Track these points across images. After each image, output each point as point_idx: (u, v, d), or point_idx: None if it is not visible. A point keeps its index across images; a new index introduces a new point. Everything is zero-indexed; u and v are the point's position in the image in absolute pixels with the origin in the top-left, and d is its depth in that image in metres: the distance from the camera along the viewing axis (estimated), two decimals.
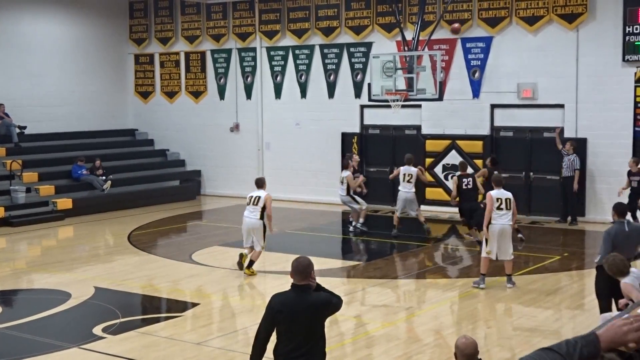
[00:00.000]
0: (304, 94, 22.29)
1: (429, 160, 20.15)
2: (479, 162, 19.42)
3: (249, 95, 23.32)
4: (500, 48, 19.26)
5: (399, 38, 19.33)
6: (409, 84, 17.73)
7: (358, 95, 21.27)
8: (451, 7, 19.45)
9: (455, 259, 15.56)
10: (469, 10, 19.55)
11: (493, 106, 19.53)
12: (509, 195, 12.39)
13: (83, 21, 24.17)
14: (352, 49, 21.40)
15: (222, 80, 23.76)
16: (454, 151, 19.78)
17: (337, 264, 15.01)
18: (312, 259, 6.19)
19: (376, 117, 21.14)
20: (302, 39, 22.13)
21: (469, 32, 19.63)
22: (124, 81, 25.48)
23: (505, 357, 9.39)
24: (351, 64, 21.43)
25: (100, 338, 10.06)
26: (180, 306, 11.88)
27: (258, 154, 23.19)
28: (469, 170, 16.39)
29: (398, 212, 17.04)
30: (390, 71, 17.79)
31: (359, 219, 17.42)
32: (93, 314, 11.39)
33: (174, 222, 19.72)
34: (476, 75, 19.53)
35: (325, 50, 21.83)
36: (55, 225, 19.27)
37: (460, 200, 15.80)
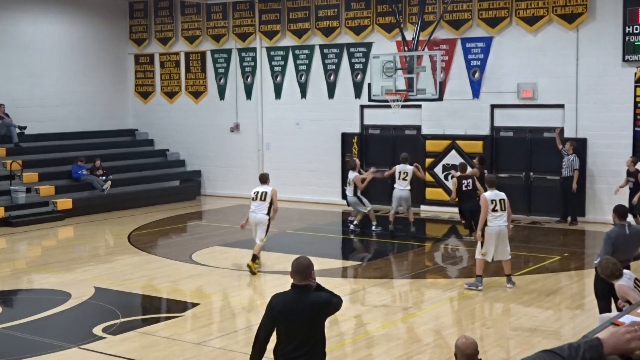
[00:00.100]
0: (304, 94, 22.29)
1: (429, 161, 20.16)
2: None
3: (249, 95, 23.32)
4: (500, 48, 19.26)
5: (399, 38, 19.34)
6: (409, 84, 17.76)
7: (358, 95, 21.27)
8: (451, 7, 19.46)
9: (455, 259, 15.56)
10: (469, 11, 19.55)
11: (493, 106, 19.54)
12: (503, 196, 12.39)
13: (83, 21, 24.17)
14: (352, 49, 21.40)
15: (222, 81, 23.76)
16: (454, 151, 19.78)
17: (337, 264, 15.02)
18: (312, 259, 6.19)
19: (376, 117, 21.14)
20: (302, 39, 22.13)
21: (469, 32, 19.63)
22: (124, 81, 25.48)
23: (505, 358, 9.40)
24: (351, 64, 21.43)
25: (101, 338, 10.06)
26: (180, 306, 11.88)
27: (258, 154, 23.19)
28: (469, 171, 16.41)
29: (393, 210, 17.18)
30: (390, 71, 17.82)
31: (372, 221, 17.50)
32: (93, 314, 11.39)
33: (174, 222, 19.72)
34: (476, 75, 19.53)
35: (325, 51, 21.83)
36: (55, 225, 19.27)
37: (460, 201, 15.86)
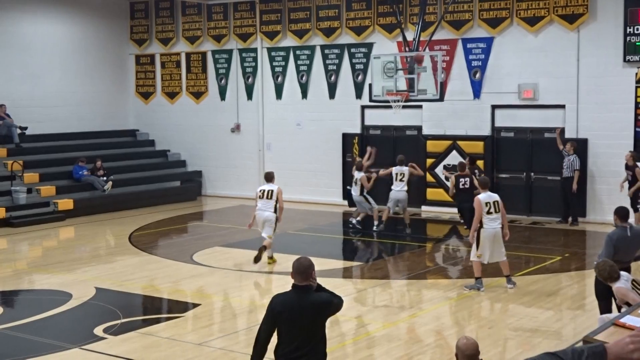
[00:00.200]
0: (304, 94, 22.29)
1: (430, 161, 20.16)
2: (480, 163, 19.46)
3: (249, 95, 23.32)
4: (501, 48, 19.26)
5: (400, 39, 19.33)
6: (410, 84, 17.77)
7: (359, 95, 21.27)
8: (452, 8, 19.46)
9: (456, 259, 15.55)
10: (470, 11, 19.55)
11: (494, 107, 19.53)
12: (497, 197, 12.41)
13: (84, 22, 24.18)
14: (353, 50, 21.40)
15: (223, 81, 23.76)
16: (454, 152, 19.78)
17: (338, 264, 15.02)
18: (313, 259, 6.18)
19: (377, 118, 21.14)
20: (303, 40, 22.13)
21: (470, 33, 19.63)
22: (124, 82, 25.49)
23: (506, 358, 9.39)
24: (352, 65, 21.43)
25: (101, 339, 10.06)
26: (181, 307, 11.87)
27: (259, 154, 23.19)
28: (467, 170, 16.59)
29: (391, 211, 17.31)
30: (391, 72, 17.83)
31: (375, 220, 17.55)
32: (94, 315, 11.38)
33: (174, 223, 19.72)
34: (477, 75, 19.52)
35: (326, 51, 21.83)
36: (56, 225, 19.28)
37: (457, 200, 16.00)
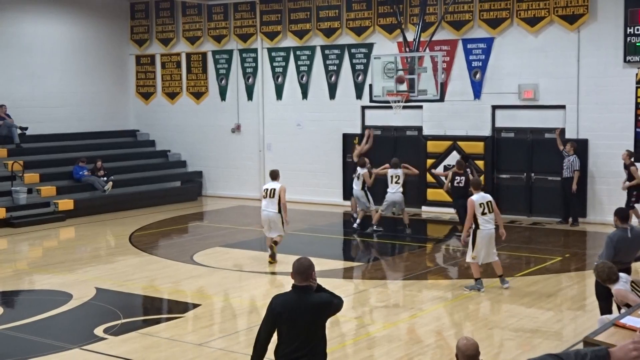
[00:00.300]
0: (305, 95, 22.30)
1: (430, 161, 20.15)
2: (480, 163, 19.47)
3: (250, 96, 23.32)
4: (501, 49, 19.26)
5: (400, 39, 19.34)
6: (410, 85, 17.77)
7: (359, 96, 21.27)
8: (452, 8, 19.47)
9: (457, 260, 15.54)
10: (470, 12, 19.55)
11: (494, 107, 19.53)
12: (490, 198, 12.44)
13: (84, 22, 24.18)
14: (353, 50, 21.40)
15: (223, 81, 23.76)
16: (455, 152, 19.77)
17: (338, 264, 15.01)
18: (313, 259, 6.18)
19: (377, 118, 21.13)
20: (303, 40, 22.13)
21: (470, 33, 19.63)
22: (125, 82, 25.49)
23: (507, 359, 9.39)
24: (352, 65, 21.44)
25: (102, 339, 10.06)
26: (181, 307, 11.87)
27: (259, 154, 23.19)
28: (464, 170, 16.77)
29: (384, 211, 17.37)
30: (392, 72, 17.83)
31: (373, 221, 17.59)
32: (94, 315, 11.38)
33: (175, 223, 19.72)
34: (477, 76, 19.52)
35: (327, 51, 21.83)
36: (56, 226, 19.28)
37: (452, 197, 16.18)
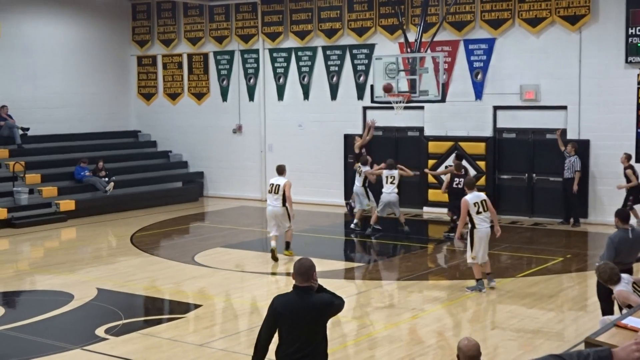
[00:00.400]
0: (306, 95, 22.30)
1: (431, 162, 20.14)
2: (482, 164, 19.46)
3: (251, 96, 23.32)
4: (502, 50, 19.25)
5: (402, 40, 19.34)
6: (412, 85, 17.78)
7: (361, 96, 21.28)
8: (454, 9, 19.46)
9: (458, 260, 15.53)
10: (472, 12, 19.54)
11: (496, 108, 19.52)
12: (484, 196, 12.45)
13: (86, 23, 24.19)
14: (355, 51, 21.40)
15: (225, 82, 23.77)
16: (456, 153, 19.75)
17: (340, 265, 15.01)
18: (315, 260, 6.19)
19: (379, 119, 21.07)
20: (305, 41, 22.13)
21: (472, 34, 19.63)
22: (126, 83, 25.50)
23: (508, 359, 9.38)
24: (354, 66, 21.44)
25: (103, 339, 10.07)
26: (182, 307, 11.88)
27: (261, 155, 23.19)
28: (447, 169, 16.91)
29: (379, 213, 17.40)
30: (393, 73, 17.84)
31: (372, 220, 17.61)
32: (95, 316, 11.39)
33: (176, 224, 19.73)
34: (479, 76, 19.52)
35: (328, 52, 21.83)
36: (58, 226, 19.28)
37: (449, 198, 16.28)
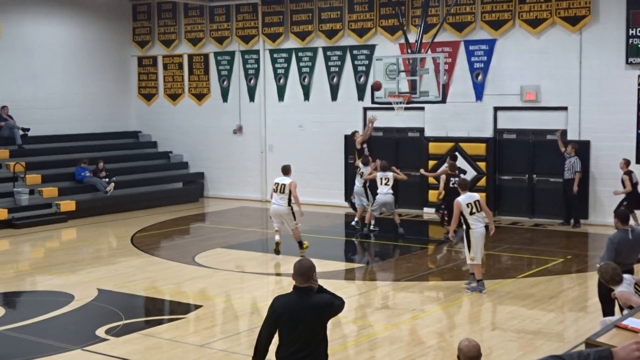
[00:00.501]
0: (307, 96, 22.30)
1: (432, 163, 20.14)
2: (482, 165, 19.47)
3: (252, 97, 23.33)
4: (503, 50, 19.25)
5: (402, 41, 19.35)
6: (412, 86, 17.78)
7: (361, 97, 21.28)
8: (454, 10, 19.47)
9: (458, 261, 15.53)
10: (472, 13, 19.54)
11: (496, 109, 19.52)
12: (477, 197, 12.46)
13: (86, 24, 24.20)
14: (355, 52, 21.40)
15: (225, 83, 23.77)
16: (457, 154, 19.74)
17: (340, 266, 15.01)
18: (315, 261, 6.20)
19: (379, 120, 21.06)
20: (305, 42, 22.13)
21: (472, 35, 19.63)
22: (127, 83, 25.51)
23: None
24: (354, 67, 21.44)
25: (103, 340, 10.07)
26: (183, 308, 11.88)
27: (261, 156, 23.20)
28: (442, 169, 17.07)
29: (376, 213, 17.47)
30: (394, 74, 17.85)
31: (370, 220, 17.65)
32: (96, 316, 11.39)
33: (177, 224, 19.73)
34: (479, 77, 19.52)
35: (329, 53, 21.83)
36: (58, 227, 19.28)
37: (446, 197, 16.43)
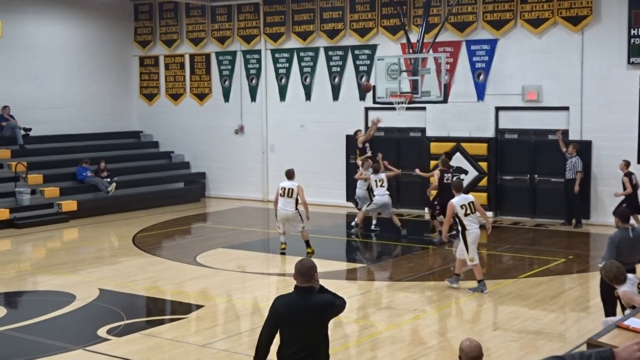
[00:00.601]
0: (308, 96, 22.30)
1: (433, 163, 20.11)
2: (484, 165, 19.45)
3: (253, 97, 23.33)
4: (505, 50, 19.24)
5: (404, 40, 19.34)
6: (414, 86, 17.77)
7: (362, 97, 21.26)
8: (456, 10, 19.46)
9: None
10: (474, 13, 19.53)
11: (498, 108, 19.52)
12: (472, 198, 12.45)
13: (88, 23, 24.21)
14: (357, 52, 21.39)
15: (227, 83, 23.77)
16: (458, 153, 19.76)
17: (341, 266, 15.01)
18: (316, 261, 6.21)
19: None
20: (307, 41, 22.13)
21: (474, 35, 19.62)
22: (128, 83, 25.52)
23: None
24: (356, 67, 21.43)
25: (105, 340, 10.07)
26: (184, 308, 11.88)
27: (262, 156, 23.20)
28: (438, 170, 16.96)
29: (371, 214, 17.55)
30: (395, 73, 17.84)
31: (372, 220, 17.80)
32: (97, 316, 11.39)
33: (178, 224, 19.73)
34: (481, 77, 19.51)
35: (330, 53, 21.83)
36: (60, 227, 19.29)
37: (440, 194, 16.43)
